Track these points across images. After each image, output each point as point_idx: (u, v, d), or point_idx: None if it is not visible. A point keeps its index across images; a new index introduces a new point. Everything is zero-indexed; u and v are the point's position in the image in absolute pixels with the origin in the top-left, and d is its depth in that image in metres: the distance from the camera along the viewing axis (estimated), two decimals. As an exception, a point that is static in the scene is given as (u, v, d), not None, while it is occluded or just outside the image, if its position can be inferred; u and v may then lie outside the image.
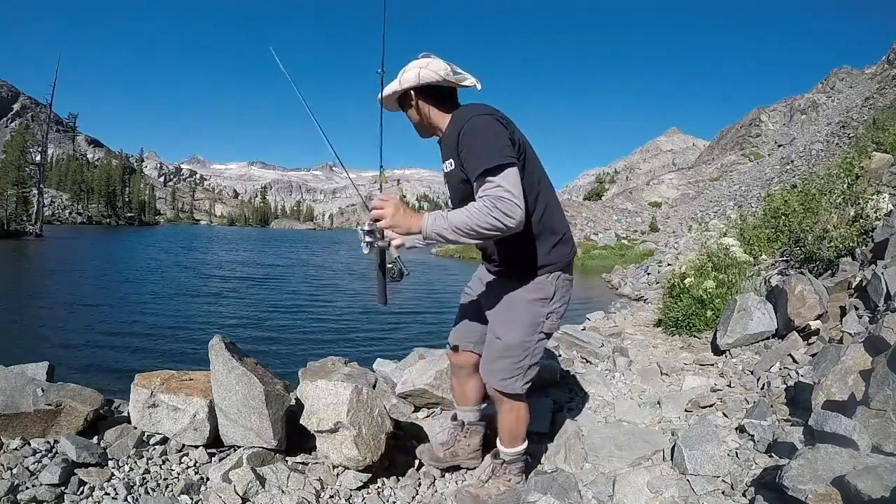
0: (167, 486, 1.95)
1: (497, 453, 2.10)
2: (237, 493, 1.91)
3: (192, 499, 1.90)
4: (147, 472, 2.00)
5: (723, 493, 1.84)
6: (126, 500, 1.83)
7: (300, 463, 2.21)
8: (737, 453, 2.03)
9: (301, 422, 2.18)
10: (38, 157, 49.86)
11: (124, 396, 2.45)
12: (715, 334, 3.65)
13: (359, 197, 1.90)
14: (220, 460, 2.11)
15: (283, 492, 1.98)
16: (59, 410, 2.10)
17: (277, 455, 2.16)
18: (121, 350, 8.05)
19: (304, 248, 43.63)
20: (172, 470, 2.05)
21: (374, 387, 2.98)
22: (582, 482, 2.08)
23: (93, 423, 2.19)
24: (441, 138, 1.82)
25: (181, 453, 2.15)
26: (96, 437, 2.15)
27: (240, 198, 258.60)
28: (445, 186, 1.92)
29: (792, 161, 33.60)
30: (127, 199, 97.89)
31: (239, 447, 2.15)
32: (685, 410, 2.64)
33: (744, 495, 1.79)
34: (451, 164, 1.76)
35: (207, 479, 2.01)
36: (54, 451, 1.97)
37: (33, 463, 1.88)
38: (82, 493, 1.83)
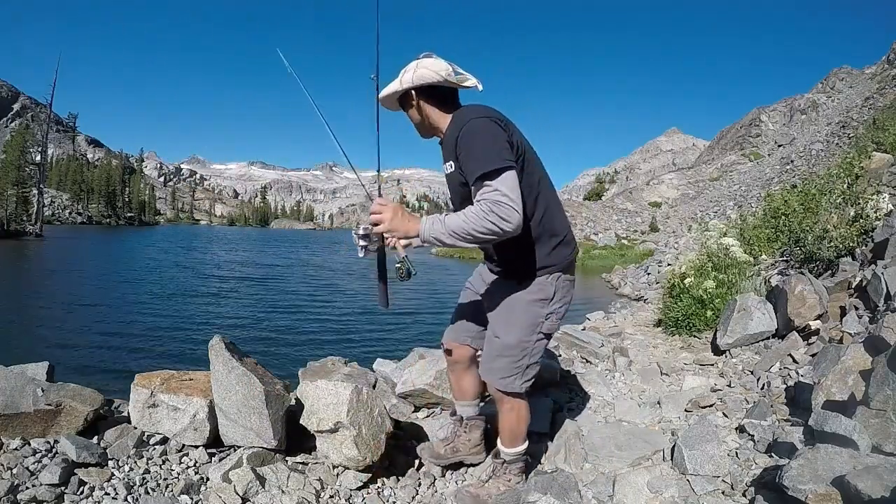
0: (167, 486, 1.95)
1: (497, 453, 2.10)
2: (237, 493, 1.91)
3: (192, 499, 1.91)
4: (147, 472, 2.00)
5: (723, 493, 1.84)
6: (126, 500, 1.83)
7: (300, 463, 2.21)
8: (737, 453, 2.03)
9: (301, 422, 2.18)
10: (38, 157, 49.87)
11: (124, 396, 2.45)
12: (715, 334, 3.65)
13: (365, 194, 1.91)
14: (220, 460, 2.11)
15: (283, 492, 1.98)
16: (59, 410, 2.10)
17: (277, 455, 2.16)
18: (121, 350, 8.05)
19: (303, 248, 43.63)
20: (172, 470, 2.05)
21: (374, 387, 2.98)
22: (582, 482, 2.08)
23: (93, 423, 2.19)
24: (442, 139, 1.82)
25: (181, 453, 2.15)
26: (96, 437, 2.15)
27: (240, 198, 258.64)
28: (446, 187, 1.92)
29: (792, 161, 33.60)
30: (127, 199, 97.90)
31: (239, 447, 2.15)
32: (685, 410, 2.63)
33: (744, 495, 1.79)
34: (451, 166, 1.76)
35: (207, 479, 2.01)
36: (54, 451, 1.98)
37: (33, 463, 1.88)
38: (82, 493, 1.83)
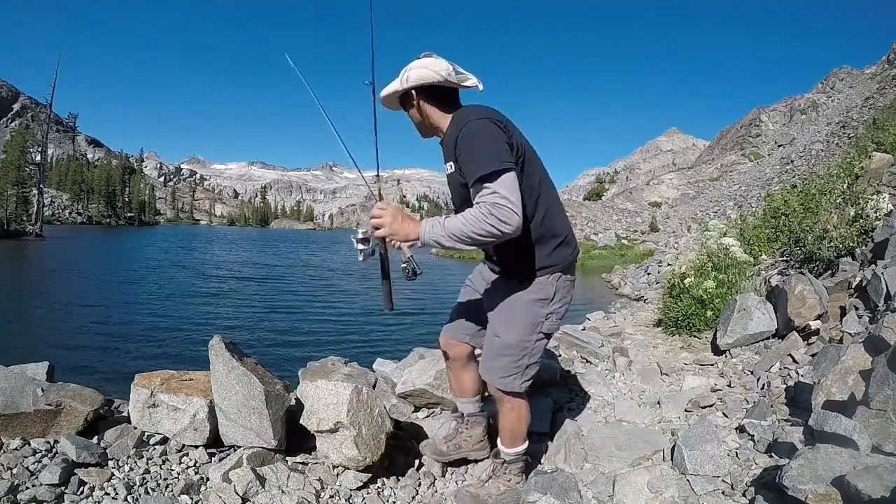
0: (167, 486, 1.95)
1: (498, 453, 2.10)
2: (237, 493, 1.91)
3: (192, 499, 1.90)
4: (147, 472, 2.00)
5: (723, 493, 1.84)
6: (126, 500, 1.83)
7: (300, 463, 2.21)
8: (737, 453, 2.03)
9: (301, 422, 2.18)
10: (38, 157, 49.86)
11: (124, 396, 2.45)
12: (715, 334, 3.65)
13: (366, 194, 1.92)
14: (220, 460, 2.11)
15: (283, 492, 1.98)
16: (59, 410, 2.10)
17: (277, 455, 2.16)
18: (121, 350, 8.05)
19: (303, 248, 43.64)
20: (172, 470, 2.05)
21: (374, 387, 2.98)
22: (582, 482, 2.08)
23: (93, 423, 2.19)
24: (442, 139, 1.81)
25: (181, 453, 2.15)
26: (96, 437, 2.15)
27: (240, 198, 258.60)
28: (447, 187, 1.92)
29: (792, 161, 33.60)
30: (127, 199, 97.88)
31: (239, 447, 2.15)
32: (685, 410, 2.63)
33: (744, 495, 1.79)
34: (451, 167, 1.76)
35: (207, 479, 2.01)
36: (54, 451, 1.97)
37: (33, 463, 1.88)
38: (82, 493, 1.83)
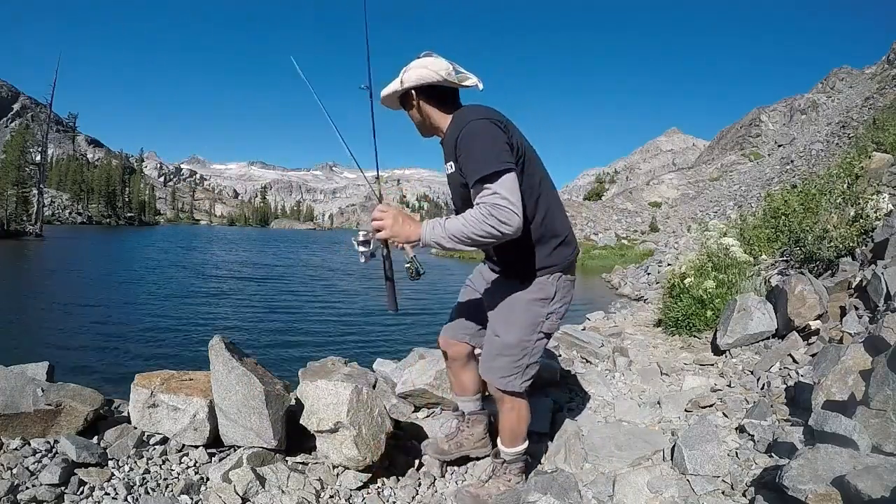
0: (167, 486, 1.95)
1: (498, 453, 2.10)
2: (237, 493, 1.91)
3: (192, 499, 1.90)
4: (147, 472, 2.00)
5: (723, 493, 1.84)
6: (126, 500, 1.83)
7: (300, 463, 2.21)
8: (737, 453, 2.03)
9: (301, 422, 2.18)
10: (38, 157, 49.84)
11: (124, 396, 2.45)
12: (715, 334, 3.65)
13: (366, 194, 1.93)
14: (220, 460, 2.11)
15: (283, 492, 1.98)
16: (59, 410, 2.10)
17: (277, 455, 2.16)
18: (121, 350, 8.05)
19: (303, 248, 43.64)
20: (172, 470, 2.05)
21: (374, 387, 2.98)
22: (582, 482, 2.08)
23: (93, 423, 2.18)
24: (443, 139, 1.81)
25: (181, 453, 2.15)
26: (96, 437, 2.15)
27: (240, 198, 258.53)
28: (447, 187, 1.92)
29: (792, 161, 33.61)
30: (127, 199, 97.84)
31: (239, 447, 2.15)
32: (685, 410, 2.63)
33: (744, 495, 1.79)
34: (451, 167, 1.76)
35: (207, 479, 2.01)
36: (54, 451, 1.97)
37: (33, 463, 1.88)
38: (82, 493, 1.83)
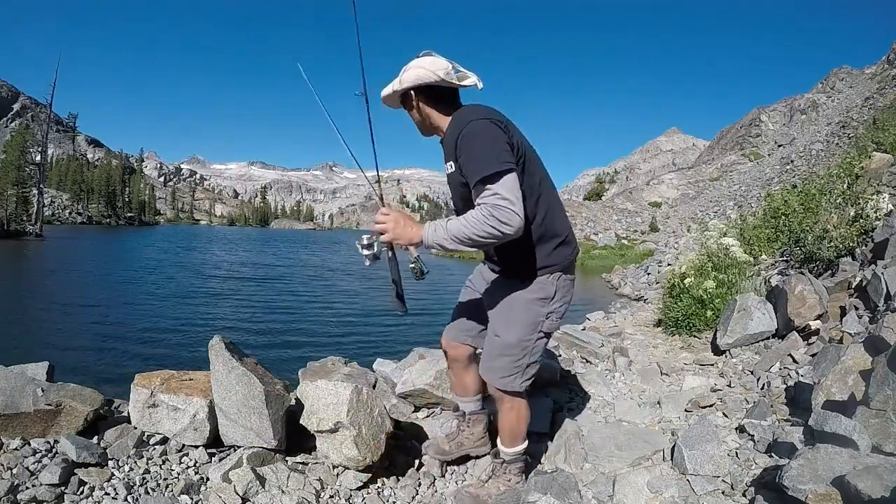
0: (167, 486, 1.95)
1: (497, 453, 2.10)
2: (237, 493, 1.91)
3: (192, 499, 1.90)
4: (147, 472, 2.00)
5: (723, 493, 1.84)
6: (126, 500, 1.83)
7: (300, 463, 2.21)
8: (737, 453, 2.03)
9: (301, 422, 2.18)
10: (38, 157, 49.82)
11: (124, 396, 2.45)
12: (715, 334, 3.65)
13: (366, 195, 1.94)
14: (220, 460, 2.11)
15: (283, 492, 1.98)
16: (59, 410, 2.10)
17: (277, 455, 2.16)
18: (121, 350, 8.05)
19: (303, 248, 43.64)
20: (172, 470, 2.05)
21: (374, 387, 2.98)
22: (582, 482, 2.08)
23: (93, 423, 2.18)
24: (443, 139, 1.82)
25: (181, 453, 2.15)
26: (96, 437, 2.15)
27: (240, 198, 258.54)
28: (447, 186, 1.92)
29: (792, 161, 33.61)
30: (127, 199, 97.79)
31: (239, 447, 2.15)
32: (685, 410, 2.63)
33: (744, 495, 1.79)
34: (451, 167, 1.76)
35: (207, 479, 2.01)
36: (54, 451, 1.97)
37: (33, 463, 1.88)
38: (82, 493, 1.83)
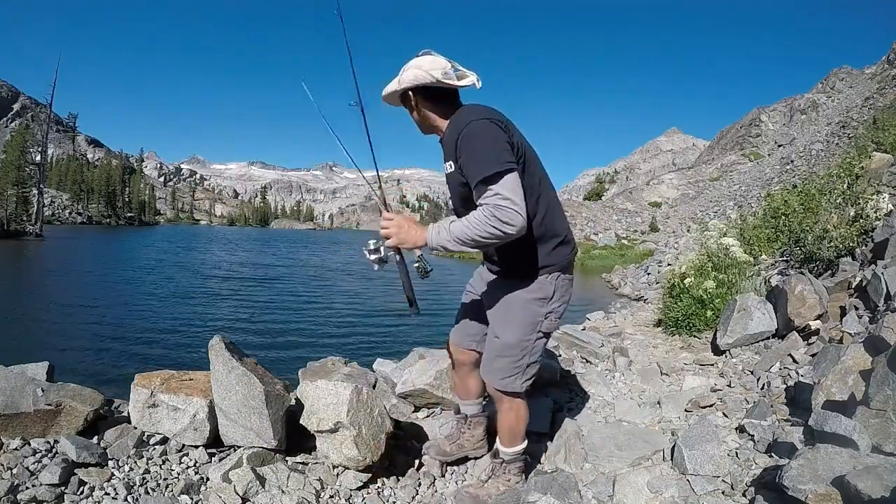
0: (167, 486, 1.95)
1: (497, 453, 2.10)
2: (237, 493, 1.91)
3: (192, 499, 1.91)
4: (147, 472, 2.00)
5: (723, 493, 1.84)
6: (126, 500, 1.83)
7: (300, 463, 2.21)
8: (737, 453, 2.03)
9: (301, 422, 2.18)
10: (38, 157, 49.79)
11: (124, 396, 2.45)
12: (715, 334, 3.65)
13: (370, 192, 1.96)
14: (220, 460, 2.11)
15: (283, 492, 1.98)
16: (59, 410, 2.10)
17: (277, 455, 2.16)
18: (121, 350, 8.05)
19: (303, 248, 43.64)
20: (172, 470, 2.05)
21: (374, 387, 2.98)
22: (582, 482, 2.08)
23: (93, 423, 2.18)
24: (442, 138, 1.81)
25: (181, 453, 2.15)
26: (96, 437, 2.15)
27: (240, 198, 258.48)
28: (446, 186, 1.92)
29: (792, 161, 33.61)
30: (127, 199, 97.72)
31: (239, 447, 2.15)
32: (685, 410, 2.63)
33: (744, 495, 1.79)
34: (451, 166, 1.76)
35: (207, 479, 2.01)
36: (54, 451, 1.97)
37: (33, 463, 1.88)
38: (82, 493, 1.83)
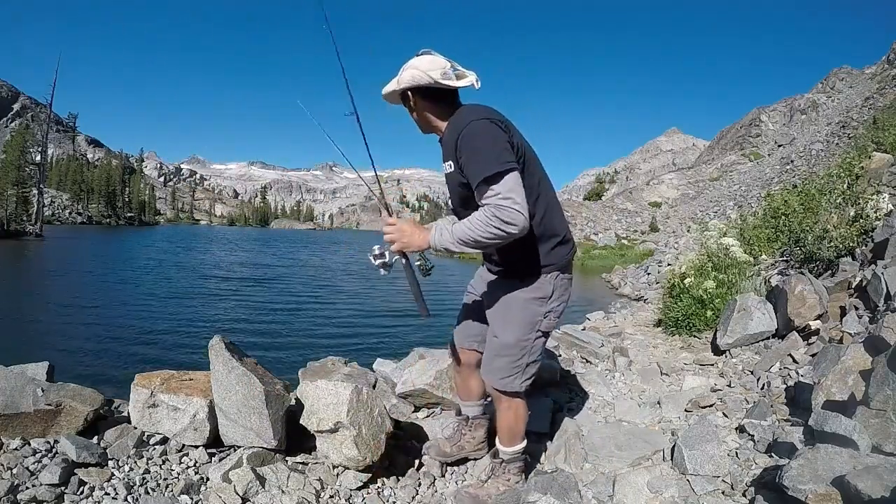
0: (167, 486, 1.95)
1: (496, 453, 2.10)
2: (237, 493, 1.91)
3: (192, 499, 1.90)
4: (147, 472, 2.00)
5: (723, 493, 1.84)
6: (126, 500, 1.83)
7: (300, 463, 2.21)
8: (737, 453, 2.04)
9: (301, 422, 2.18)
10: (38, 157, 49.76)
11: (124, 396, 2.45)
12: (715, 334, 3.65)
13: (369, 192, 1.97)
14: (220, 460, 2.11)
15: (283, 492, 1.98)
16: (59, 410, 2.10)
17: (277, 455, 2.16)
18: (121, 350, 8.05)
19: (303, 248, 43.64)
20: (172, 470, 2.05)
21: (374, 387, 2.98)
22: (582, 482, 2.08)
23: (93, 423, 2.18)
24: (441, 138, 1.81)
25: (181, 453, 2.15)
26: (96, 437, 2.15)
27: (240, 198, 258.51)
28: (446, 186, 1.93)
29: (792, 161, 33.61)
30: (127, 199, 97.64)
31: (239, 447, 2.15)
32: (685, 410, 2.64)
33: (744, 495, 1.79)
34: (450, 166, 1.76)
35: (207, 479, 2.01)
36: (54, 451, 1.97)
37: (33, 463, 1.88)
38: (82, 493, 1.83)
